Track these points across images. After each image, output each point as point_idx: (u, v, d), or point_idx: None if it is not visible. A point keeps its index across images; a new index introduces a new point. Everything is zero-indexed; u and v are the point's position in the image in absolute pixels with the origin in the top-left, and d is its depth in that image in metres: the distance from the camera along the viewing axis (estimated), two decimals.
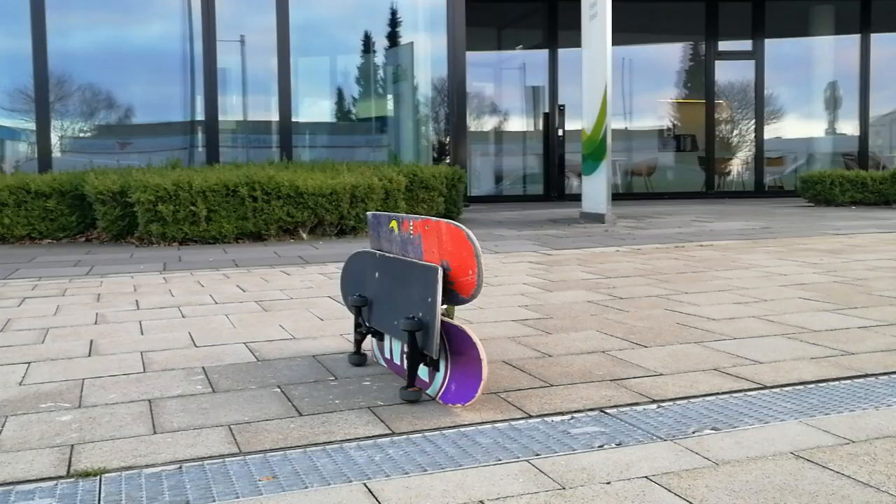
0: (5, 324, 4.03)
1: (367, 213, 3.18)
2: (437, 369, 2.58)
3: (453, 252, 2.50)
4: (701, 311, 4.01)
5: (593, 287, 4.83)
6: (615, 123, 15.35)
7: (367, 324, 3.01)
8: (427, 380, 2.64)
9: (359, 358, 3.07)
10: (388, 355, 2.98)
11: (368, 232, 3.18)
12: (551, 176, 15.59)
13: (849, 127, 16.89)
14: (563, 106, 15.34)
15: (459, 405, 2.47)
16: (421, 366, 2.61)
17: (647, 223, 9.52)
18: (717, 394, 2.61)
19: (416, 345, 2.55)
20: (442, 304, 2.56)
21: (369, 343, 3.23)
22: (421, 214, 9.40)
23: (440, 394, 2.55)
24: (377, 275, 2.94)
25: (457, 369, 2.51)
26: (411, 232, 2.74)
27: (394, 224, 2.89)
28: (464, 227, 2.47)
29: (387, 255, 2.91)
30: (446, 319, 2.56)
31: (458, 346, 2.50)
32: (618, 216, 10.19)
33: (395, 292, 2.77)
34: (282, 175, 8.19)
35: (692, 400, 2.55)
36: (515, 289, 4.83)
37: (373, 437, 2.26)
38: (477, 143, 15.67)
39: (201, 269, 5.96)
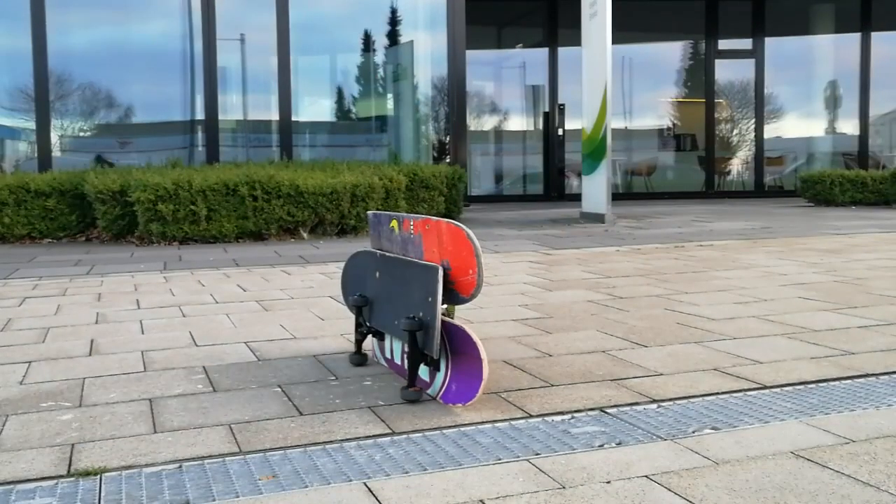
0: (6, 323, 4.03)
1: (368, 212, 3.18)
2: (438, 369, 2.58)
3: (453, 252, 2.50)
4: (701, 310, 4.02)
5: (593, 287, 4.83)
6: (615, 123, 15.34)
7: (368, 324, 3.01)
8: (428, 379, 2.64)
9: (360, 358, 3.06)
10: (388, 355, 2.98)
11: (369, 231, 3.17)
12: (551, 176, 15.59)
13: (849, 126, 16.90)
14: (562, 105, 15.34)
15: (460, 405, 2.47)
16: (422, 365, 2.61)
17: (647, 223, 9.52)
18: (717, 393, 2.61)
19: (417, 345, 2.55)
20: (442, 304, 2.56)
21: (370, 343, 3.23)
22: (421, 214, 9.42)
23: (441, 393, 2.55)
24: (378, 274, 2.93)
25: (457, 369, 2.51)
26: (412, 231, 2.74)
27: (394, 223, 2.88)
28: (464, 226, 2.46)
29: (387, 254, 2.91)
30: (447, 319, 2.56)
31: (458, 345, 2.50)
32: (618, 216, 10.19)
33: (396, 292, 2.77)
34: (282, 174, 8.19)
35: (692, 400, 2.55)
36: (516, 288, 4.83)
37: (373, 436, 2.26)
38: (477, 142, 15.67)
39: (202, 269, 5.96)
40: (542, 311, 4.09)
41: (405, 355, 2.71)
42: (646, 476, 1.94)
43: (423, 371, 2.65)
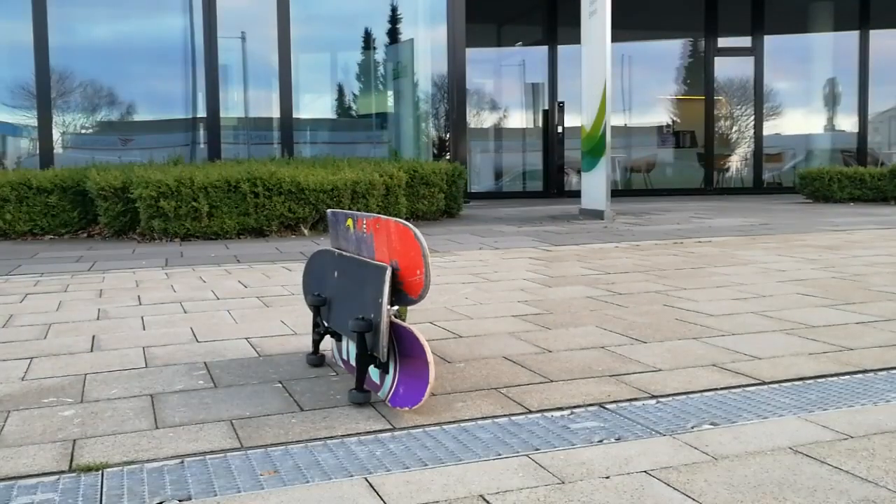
0: (8, 319, 4.04)
1: (328, 210, 3.14)
2: (387, 371, 2.54)
3: (402, 251, 2.46)
4: (699, 306, 4.03)
5: (592, 283, 4.84)
6: (614, 120, 15.34)
7: (326, 324, 2.95)
8: (378, 382, 2.60)
9: (317, 359, 3.01)
10: (345, 356, 2.93)
11: (329, 230, 3.14)
12: (551, 172, 15.60)
13: (847, 123, 16.90)
14: (562, 102, 15.34)
15: (407, 408, 2.43)
16: (372, 367, 2.58)
17: (646, 219, 9.53)
18: (716, 389, 2.62)
19: (366, 346, 2.51)
20: (393, 305, 2.52)
21: (328, 343, 3.17)
22: (422, 210, 9.42)
23: (389, 396, 2.50)
24: (336, 274, 2.89)
25: (405, 372, 2.47)
26: (364, 230, 2.70)
27: (350, 222, 2.84)
28: (412, 226, 2.43)
29: (345, 253, 2.87)
30: (396, 321, 2.51)
31: (407, 348, 2.46)
32: (617, 213, 10.19)
33: (351, 292, 2.72)
34: (283, 171, 8.20)
35: (691, 395, 2.56)
36: (515, 284, 4.84)
37: (374, 431, 2.27)
38: (477, 139, 15.67)
39: (203, 265, 5.97)
40: (541, 307, 4.10)
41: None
42: (645, 471, 1.95)
43: (375, 373, 2.62)
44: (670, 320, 3.72)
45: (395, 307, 2.56)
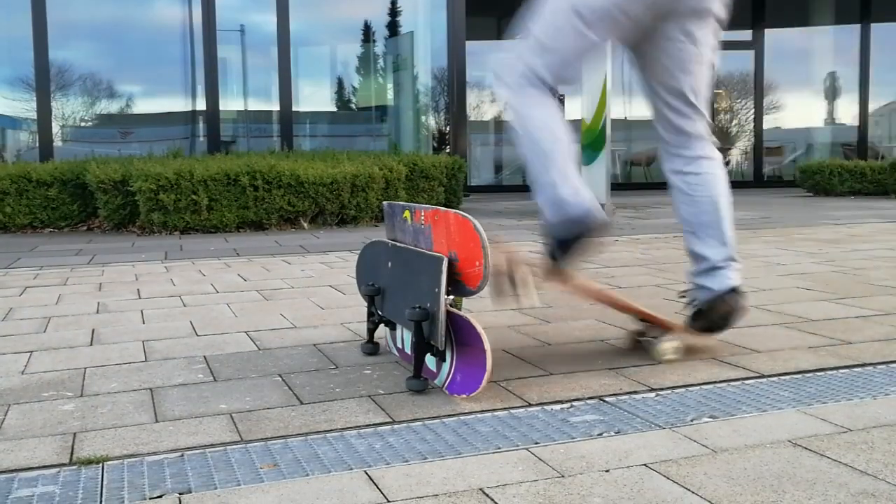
0: (7, 313, 4.04)
1: (384, 203, 3.19)
2: (444, 359, 2.59)
3: (461, 243, 2.50)
4: None
5: (592, 276, 4.84)
6: (614, 113, 15.32)
7: (380, 313, 3.02)
8: (434, 370, 2.65)
9: (372, 347, 3.07)
10: (399, 344, 2.99)
11: (385, 221, 3.19)
12: None
13: (848, 117, 16.89)
14: (562, 95, 15.32)
15: (464, 395, 2.48)
16: (429, 356, 2.63)
17: (647, 213, 9.53)
18: (715, 382, 2.62)
19: (423, 334, 2.56)
20: (450, 296, 2.57)
21: (382, 331, 3.23)
22: (422, 204, 9.43)
23: (446, 384, 2.56)
24: (390, 264, 2.94)
25: (462, 360, 2.51)
26: (422, 222, 2.75)
27: (406, 214, 2.89)
28: (472, 218, 2.46)
29: (399, 244, 2.92)
30: (452, 310, 2.56)
31: (464, 336, 2.51)
32: (617, 206, 10.19)
33: (406, 282, 2.77)
34: (283, 164, 8.20)
35: (690, 388, 2.56)
36: None
37: (373, 425, 2.27)
38: (477, 132, 15.65)
39: (202, 258, 5.97)
40: (540, 300, 4.09)
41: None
42: (644, 464, 1.95)
43: (431, 361, 2.66)
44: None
45: (451, 297, 2.60)
